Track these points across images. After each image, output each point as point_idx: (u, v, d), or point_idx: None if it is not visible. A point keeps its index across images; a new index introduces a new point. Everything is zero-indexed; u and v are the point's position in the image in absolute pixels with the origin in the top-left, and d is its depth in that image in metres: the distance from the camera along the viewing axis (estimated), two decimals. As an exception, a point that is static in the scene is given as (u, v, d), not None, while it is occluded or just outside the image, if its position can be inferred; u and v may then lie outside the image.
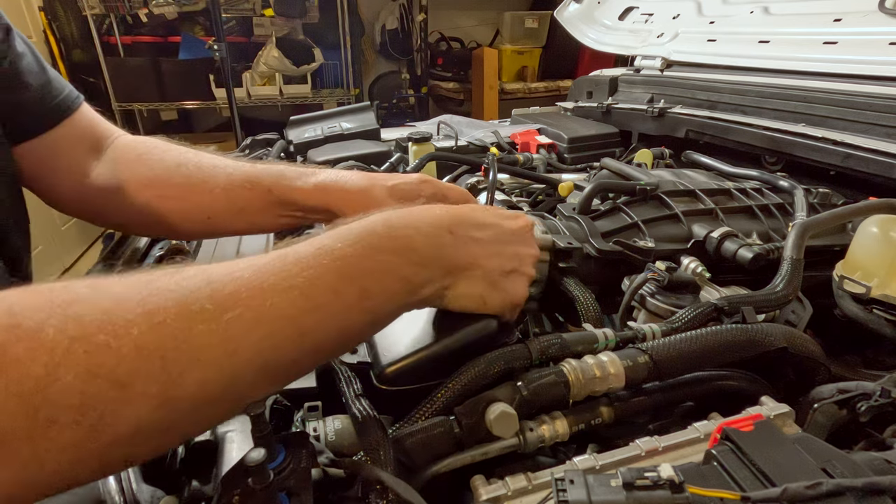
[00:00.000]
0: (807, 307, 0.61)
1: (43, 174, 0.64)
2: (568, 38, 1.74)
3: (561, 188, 0.92)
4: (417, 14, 4.35)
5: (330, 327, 0.37)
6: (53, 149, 0.64)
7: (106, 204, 0.66)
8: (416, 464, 0.40)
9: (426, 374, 0.46)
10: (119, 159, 0.67)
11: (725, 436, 0.35)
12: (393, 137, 1.28)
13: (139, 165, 0.66)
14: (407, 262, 0.41)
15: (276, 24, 3.90)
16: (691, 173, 0.91)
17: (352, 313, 0.37)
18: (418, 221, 0.43)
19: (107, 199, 0.65)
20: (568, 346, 0.47)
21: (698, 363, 0.48)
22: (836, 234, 0.73)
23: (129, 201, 0.65)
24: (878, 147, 0.83)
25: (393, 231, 0.41)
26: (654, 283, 0.61)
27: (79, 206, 0.67)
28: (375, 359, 0.47)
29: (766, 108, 1.07)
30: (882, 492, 0.29)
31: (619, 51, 1.55)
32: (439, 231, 0.44)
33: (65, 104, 0.65)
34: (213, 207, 0.64)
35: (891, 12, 0.97)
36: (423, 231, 0.43)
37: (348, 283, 0.37)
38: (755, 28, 1.22)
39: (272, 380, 0.36)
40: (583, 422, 0.44)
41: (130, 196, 0.65)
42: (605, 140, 1.31)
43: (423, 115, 4.51)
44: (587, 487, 0.30)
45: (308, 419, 0.44)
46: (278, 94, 3.91)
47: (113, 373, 0.28)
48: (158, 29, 3.82)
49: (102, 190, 0.65)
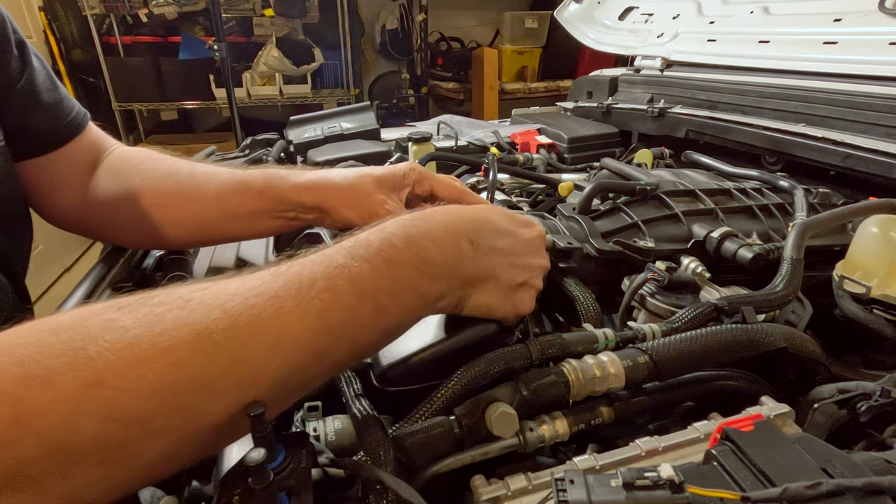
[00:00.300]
0: (807, 307, 0.61)
1: (44, 191, 0.64)
2: (568, 38, 1.74)
3: (561, 188, 0.92)
4: (417, 14, 4.35)
5: (344, 345, 0.36)
6: (58, 166, 0.64)
7: (102, 217, 0.66)
8: (416, 464, 0.40)
9: (426, 375, 0.46)
10: (113, 171, 0.67)
11: (725, 436, 0.35)
12: (393, 137, 1.28)
13: (133, 176, 0.65)
14: (423, 275, 0.39)
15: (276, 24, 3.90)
16: (691, 173, 0.91)
17: (366, 330, 0.37)
18: (437, 230, 0.42)
19: (103, 212, 0.65)
20: (568, 346, 0.47)
21: (698, 363, 0.48)
22: (836, 234, 0.73)
23: (124, 213, 0.64)
24: (878, 147, 0.83)
25: (411, 243, 0.39)
26: (654, 283, 0.61)
27: (77, 222, 0.67)
28: (375, 359, 0.47)
29: (766, 108, 1.07)
30: (882, 492, 0.29)
31: (619, 51, 1.55)
32: (458, 240, 0.42)
33: (75, 123, 0.65)
34: (206, 214, 0.63)
35: (891, 12, 0.97)
36: (441, 241, 0.41)
37: (364, 301, 0.36)
38: (755, 28, 1.22)
39: (287, 400, 0.36)
40: (583, 422, 0.44)
41: (125, 207, 0.64)
42: (605, 140, 1.31)
43: (423, 115, 4.51)
44: (587, 487, 0.30)
45: (308, 419, 0.44)
46: (278, 94, 3.92)
47: (131, 415, 0.28)
48: (158, 29, 3.82)
49: (98, 204, 0.65)
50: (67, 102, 0.64)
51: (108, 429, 0.27)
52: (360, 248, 0.38)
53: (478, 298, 0.45)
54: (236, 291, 0.33)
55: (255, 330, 0.32)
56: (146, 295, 0.32)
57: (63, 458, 0.26)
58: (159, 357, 0.29)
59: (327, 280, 0.35)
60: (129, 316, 0.30)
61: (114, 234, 0.70)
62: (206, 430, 0.31)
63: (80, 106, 0.67)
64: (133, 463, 0.29)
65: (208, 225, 0.64)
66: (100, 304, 0.31)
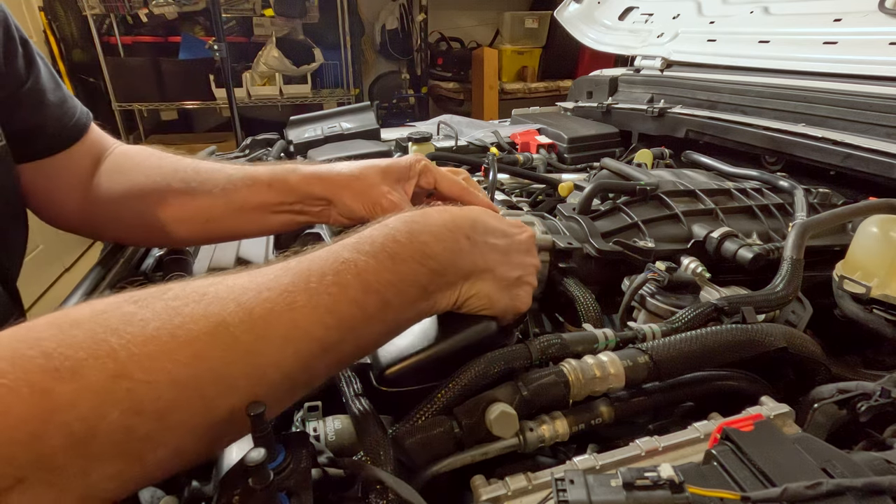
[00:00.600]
0: (807, 307, 0.61)
1: (46, 192, 0.64)
2: (568, 38, 1.74)
3: (561, 188, 0.92)
4: (417, 14, 4.35)
5: (350, 339, 0.37)
6: (61, 167, 0.63)
7: (105, 216, 0.66)
8: (416, 464, 0.40)
9: (426, 375, 0.46)
10: (116, 170, 0.66)
11: (725, 436, 0.35)
12: (393, 137, 1.28)
13: (136, 174, 0.65)
14: (426, 269, 0.41)
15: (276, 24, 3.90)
16: (691, 173, 0.91)
17: (372, 324, 0.38)
18: (435, 226, 0.43)
19: (106, 211, 0.65)
20: (568, 346, 0.47)
21: (698, 363, 0.48)
22: (836, 234, 0.73)
23: (128, 211, 0.64)
24: (878, 147, 0.83)
25: (413, 238, 0.41)
26: (654, 283, 0.61)
27: (79, 222, 0.67)
28: (375, 359, 0.47)
29: (766, 108, 1.07)
30: (882, 492, 0.29)
31: (619, 51, 1.55)
32: (456, 236, 0.44)
33: (80, 123, 0.65)
34: (213, 209, 0.63)
35: (891, 12, 0.97)
36: (441, 237, 0.43)
37: (371, 295, 0.37)
38: (755, 28, 1.22)
39: (295, 394, 0.36)
40: (583, 422, 0.44)
41: (128, 206, 0.64)
42: (605, 140, 1.31)
43: (423, 115, 4.51)
44: (587, 487, 0.30)
45: (308, 419, 0.44)
46: (278, 94, 3.92)
47: (153, 407, 0.28)
48: (158, 29, 3.82)
49: (101, 203, 0.65)
50: (71, 102, 0.64)
51: (131, 421, 0.28)
52: (365, 244, 0.39)
53: (477, 292, 0.46)
54: (248, 286, 0.34)
55: (269, 323, 0.33)
56: (158, 289, 0.33)
57: (86, 450, 0.27)
58: (180, 349, 0.30)
59: (335, 275, 0.36)
60: (147, 309, 0.31)
61: (117, 233, 0.69)
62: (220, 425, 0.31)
63: (83, 106, 0.67)
64: (148, 457, 0.29)
65: (213, 221, 0.64)
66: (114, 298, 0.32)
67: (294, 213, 0.63)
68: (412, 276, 0.40)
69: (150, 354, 0.29)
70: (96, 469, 0.27)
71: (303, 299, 0.34)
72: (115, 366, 0.28)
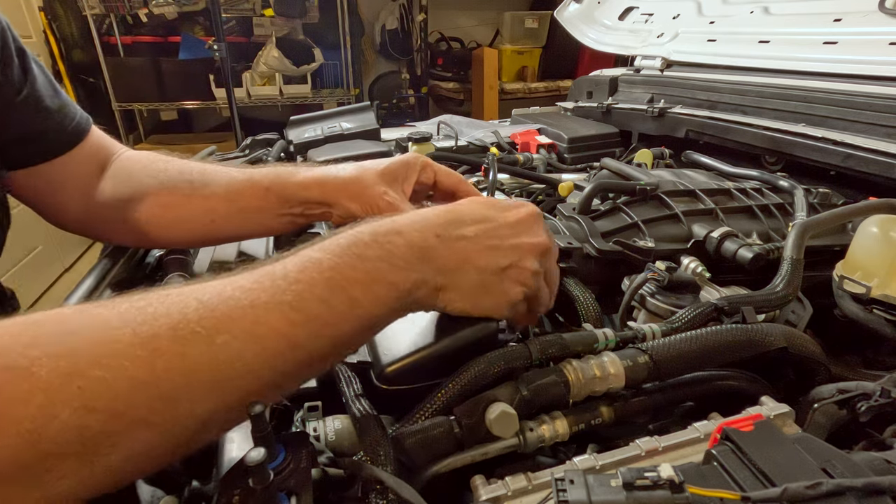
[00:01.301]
0: (807, 307, 0.61)
1: (52, 195, 0.65)
2: (568, 38, 1.74)
3: (561, 188, 0.92)
4: (417, 14, 4.35)
5: (322, 337, 0.37)
6: (64, 171, 0.64)
7: (112, 219, 0.67)
8: (416, 464, 0.40)
9: (426, 374, 0.46)
10: (124, 173, 0.68)
11: (725, 436, 0.35)
12: (393, 137, 1.28)
13: (144, 177, 0.67)
14: (393, 267, 0.40)
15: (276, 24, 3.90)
16: (691, 173, 0.91)
17: (343, 322, 0.38)
18: (404, 226, 0.43)
19: (112, 214, 0.66)
20: (568, 346, 0.47)
21: (698, 363, 0.48)
22: (836, 234, 0.73)
23: (134, 214, 0.65)
24: (878, 147, 0.83)
25: (378, 238, 0.41)
26: (654, 283, 0.61)
27: (85, 225, 0.68)
28: (375, 359, 0.47)
29: (766, 108, 1.07)
30: (882, 492, 0.29)
31: (619, 51, 1.55)
32: (425, 235, 0.43)
33: (79, 127, 0.66)
34: (215, 211, 0.64)
35: (891, 12, 0.97)
36: (408, 236, 0.42)
37: (337, 292, 0.37)
38: (755, 28, 1.22)
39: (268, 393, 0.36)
40: (583, 422, 0.44)
41: (135, 208, 0.65)
42: (605, 140, 1.31)
43: (423, 115, 4.51)
44: (587, 487, 0.30)
45: (308, 419, 0.44)
46: (278, 94, 3.92)
47: (109, 405, 0.28)
48: (158, 29, 3.82)
49: (108, 206, 0.66)
50: (70, 108, 0.65)
51: (85, 420, 0.27)
52: (332, 245, 0.40)
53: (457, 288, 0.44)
54: (213, 286, 0.35)
55: (232, 318, 0.33)
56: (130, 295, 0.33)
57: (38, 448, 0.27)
58: (139, 346, 0.30)
59: (299, 272, 0.37)
60: (112, 311, 0.31)
61: (121, 234, 0.70)
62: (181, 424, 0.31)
63: (83, 111, 0.68)
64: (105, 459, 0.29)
65: (217, 223, 0.65)
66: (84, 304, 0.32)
67: (295, 216, 0.64)
68: (380, 273, 0.39)
69: (108, 352, 0.29)
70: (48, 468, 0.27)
71: (266, 296, 0.35)
72: (69, 364, 0.28)
